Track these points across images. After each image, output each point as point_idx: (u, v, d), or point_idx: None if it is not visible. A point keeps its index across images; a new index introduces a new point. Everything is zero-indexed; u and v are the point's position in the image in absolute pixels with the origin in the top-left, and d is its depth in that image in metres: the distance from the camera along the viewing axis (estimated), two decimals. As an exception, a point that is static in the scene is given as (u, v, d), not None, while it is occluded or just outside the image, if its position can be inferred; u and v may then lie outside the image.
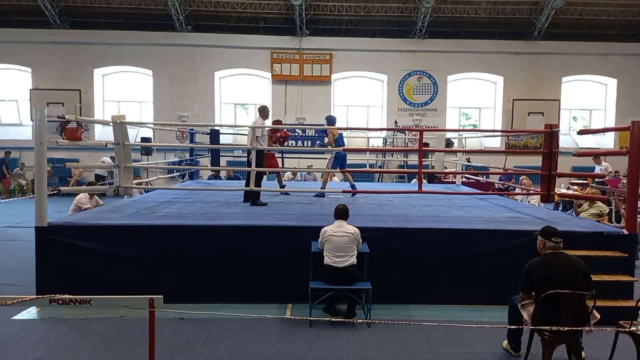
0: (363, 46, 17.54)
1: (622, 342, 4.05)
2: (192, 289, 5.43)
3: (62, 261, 5.40)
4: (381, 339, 4.60)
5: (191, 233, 5.56)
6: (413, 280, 5.56)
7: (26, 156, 16.60)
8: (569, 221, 6.62)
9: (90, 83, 17.46)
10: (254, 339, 4.57)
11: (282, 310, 5.34)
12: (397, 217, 6.51)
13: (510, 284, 4.44)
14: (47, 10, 16.38)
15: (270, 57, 17.49)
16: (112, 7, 17.09)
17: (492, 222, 6.22)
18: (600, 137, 18.43)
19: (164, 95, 17.57)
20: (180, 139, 16.75)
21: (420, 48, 17.70)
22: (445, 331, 4.76)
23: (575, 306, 3.77)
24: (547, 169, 6.58)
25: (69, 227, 5.54)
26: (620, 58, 17.85)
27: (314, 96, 17.59)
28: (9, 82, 17.96)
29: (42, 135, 5.28)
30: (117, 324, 4.84)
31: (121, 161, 6.54)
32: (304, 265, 5.26)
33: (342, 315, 5.16)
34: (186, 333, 4.67)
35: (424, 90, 17.96)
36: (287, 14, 17.31)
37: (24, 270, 6.57)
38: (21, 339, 4.49)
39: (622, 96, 18.07)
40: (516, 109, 17.76)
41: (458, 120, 18.90)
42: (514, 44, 17.72)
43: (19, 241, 8.60)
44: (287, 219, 6.18)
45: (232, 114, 18.56)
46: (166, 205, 7.18)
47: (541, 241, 4.07)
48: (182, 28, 17.16)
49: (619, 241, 5.50)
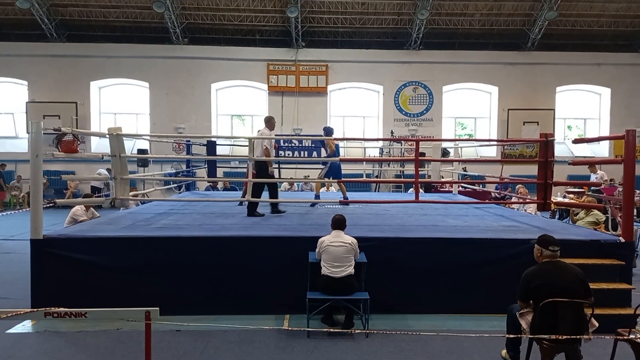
0: (359, 57, 17.66)
1: (621, 351, 4.03)
2: (189, 300, 5.39)
3: (57, 274, 5.35)
4: (379, 350, 4.57)
5: (188, 244, 5.53)
6: (411, 289, 5.54)
7: (22, 169, 16.55)
8: (566, 229, 6.64)
9: (86, 95, 17.48)
10: (252, 351, 4.53)
11: (279, 321, 5.30)
12: (395, 226, 6.51)
13: (508, 292, 4.43)
14: (43, 23, 16.45)
15: (267, 68, 17.58)
16: (109, 20, 17.18)
17: (489, 231, 6.23)
18: (595, 146, 18.55)
19: (161, 107, 17.60)
20: (177, 151, 16.74)
21: (415, 59, 17.83)
22: (444, 341, 4.73)
23: (574, 314, 3.76)
24: (543, 177, 6.60)
25: (64, 240, 5.50)
26: (614, 68, 18.03)
27: (311, 107, 17.66)
28: (6, 95, 17.99)
29: (38, 148, 5.27)
30: (112, 337, 4.80)
31: (117, 173, 6.53)
32: (301, 276, 5.24)
33: (340, 325, 5.13)
34: (183, 345, 4.63)
35: (420, 100, 18.07)
36: (283, 26, 17.44)
37: (19, 283, 6.50)
38: (16, 353, 4.45)
39: (616, 105, 18.23)
40: (511, 119, 17.87)
41: (454, 130, 19.00)
42: (508, 54, 17.88)
43: (14, 254, 8.53)
44: (283, 230, 6.16)
45: (228, 125, 18.60)
46: (163, 217, 7.16)
47: (538, 250, 4.07)
48: (179, 41, 17.25)
49: (616, 249, 5.50)
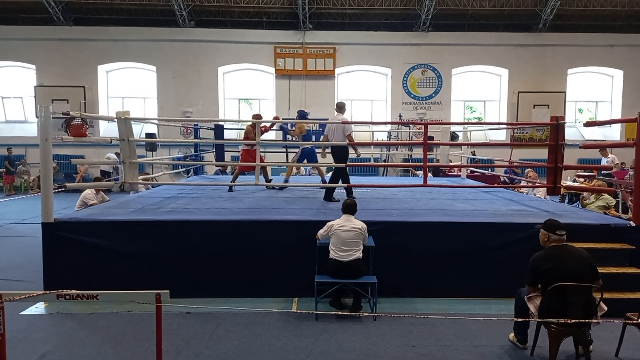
0: (366, 40, 17.45)
1: (630, 335, 4.04)
2: (198, 283, 5.45)
3: (69, 257, 5.43)
4: (387, 332, 4.60)
5: (197, 228, 5.57)
6: (419, 273, 5.56)
7: (31, 153, 16.67)
8: (576, 213, 6.60)
9: (94, 79, 17.48)
10: (260, 333, 4.58)
11: (288, 304, 5.35)
12: (402, 210, 6.50)
13: (516, 276, 4.43)
14: (50, 7, 16.39)
15: (274, 51, 17.44)
16: (115, 4, 17.08)
17: (498, 215, 6.21)
18: (607, 129, 18.29)
19: (168, 91, 17.57)
20: (185, 135, 16.76)
21: (424, 41, 17.59)
22: (452, 324, 4.75)
23: (583, 298, 3.75)
24: (553, 161, 6.54)
25: (75, 223, 5.56)
26: (627, 49, 17.68)
27: (318, 90, 17.54)
28: (14, 80, 18.01)
29: (47, 132, 5.30)
30: (124, 319, 4.87)
31: (126, 157, 6.55)
32: (310, 260, 5.26)
33: (348, 309, 5.17)
34: (193, 327, 4.69)
35: (429, 83, 17.88)
36: (290, 8, 17.24)
37: (31, 266, 6.62)
38: (29, 335, 4.53)
39: (628, 88, 17.91)
40: (521, 102, 17.65)
41: (463, 113, 18.80)
42: (519, 36, 17.58)
43: (26, 237, 8.64)
44: (292, 214, 6.18)
45: (236, 109, 18.55)
46: (172, 201, 7.20)
47: (545, 234, 4.05)
48: (186, 24, 17.13)
49: (627, 233, 5.47)
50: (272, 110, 17.60)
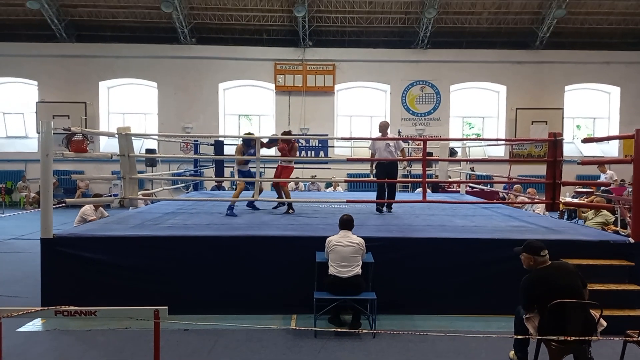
0: (366, 57, 17.63)
1: (630, 352, 4.01)
2: (197, 299, 5.43)
3: (67, 273, 5.41)
4: (386, 350, 4.57)
5: (196, 244, 5.57)
6: (418, 290, 5.54)
7: (31, 169, 16.70)
8: (575, 230, 6.60)
9: (95, 95, 17.60)
10: (259, 350, 4.55)
11: (287, 320, 5.32)
12: (402, 226, 6.51)
13: (516, 293, 4.37)
14: (53, 24, 16.58)
15: (274, 68, 17.61)
16: (118, 21, 17.29)
17: (497, 231, 6.21)
18: (605, 146, 18.37)
19: (169, 106, 17.69)
20: (185, 150, 16.82)
21: (422, 58, 17.77)
22: (451, 341, 4.72)
23: (581, 314, 3.74)
24: (552, 177, 6.57)
25: (74, 239, 5.56)
26: (623, 66, 17.86)
27: (318, 106, 17.66)
28: (16, 95, 18.13)
29: (48, 148, 5.33)
30: (122, 336, 4.84)
31: (126, 173, 6.58)
32: (309, 276, 5.25)
33: (347, 325, 5.14)
34: (191, 344, 4.66)
35: (427, 99, 18.01)
36: (291, 26, 17.45)
37: (29, 281, 6.57)
38: (26, 351, 4.50)
39: (625, 104, 18.05)
40: (519, 118, 17.76)
41: (461, 130, 18.90)
42: (517, 53, 17.77)
43: (25, 253, 8.62)
44: (291, 229, 6.18)
45: (236, 125, 18.65)
46: (171, 216, 7.20)
47: (529, 258, 3.99)
48: (187, 40, 17.32)
49: (625, 250, 5.47)
50: (272, 127, 17.70)
